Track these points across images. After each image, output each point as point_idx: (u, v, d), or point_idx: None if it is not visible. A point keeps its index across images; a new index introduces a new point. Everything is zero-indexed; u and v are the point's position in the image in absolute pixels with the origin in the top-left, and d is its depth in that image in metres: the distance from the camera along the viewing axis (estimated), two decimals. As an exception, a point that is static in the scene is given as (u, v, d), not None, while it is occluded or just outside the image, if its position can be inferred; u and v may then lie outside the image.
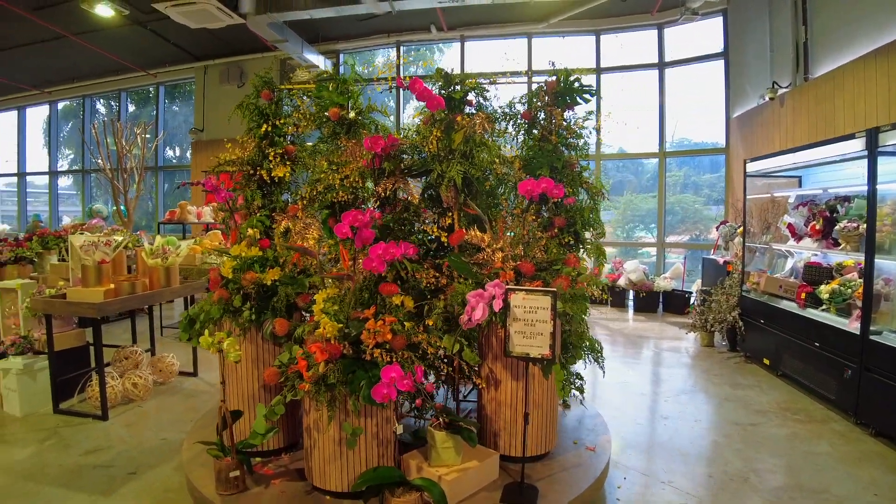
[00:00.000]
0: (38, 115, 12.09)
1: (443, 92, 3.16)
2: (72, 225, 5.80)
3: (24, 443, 3.47)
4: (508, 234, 2.85)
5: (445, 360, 2.43)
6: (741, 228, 5.68)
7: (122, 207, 7.32)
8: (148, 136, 8.02)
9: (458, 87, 3.07)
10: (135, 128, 7.68)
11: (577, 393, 3.35)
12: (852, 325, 3.78)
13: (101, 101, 11.85)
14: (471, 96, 3.20)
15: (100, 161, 7.44)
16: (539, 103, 3.17)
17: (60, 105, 12.31)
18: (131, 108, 12.43)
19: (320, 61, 9.40)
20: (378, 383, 1.99)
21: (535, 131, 3.23)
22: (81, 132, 11.41)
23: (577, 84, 3.16)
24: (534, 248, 2.64)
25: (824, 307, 4.23)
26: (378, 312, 2.24)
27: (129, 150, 7.44)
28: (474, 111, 3.19)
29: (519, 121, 3.23)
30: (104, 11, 6.90)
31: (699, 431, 3.63)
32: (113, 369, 4.30)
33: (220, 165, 3.44)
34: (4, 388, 3.96)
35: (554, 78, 3.18)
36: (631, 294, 8.06)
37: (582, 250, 3.24)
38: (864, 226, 3.74)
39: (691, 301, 7.13)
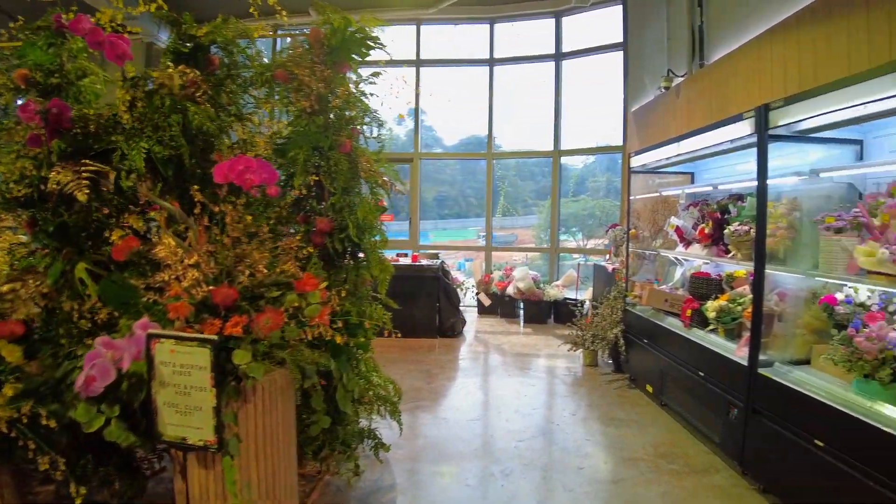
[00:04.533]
0: None
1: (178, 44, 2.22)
2: None
3: None
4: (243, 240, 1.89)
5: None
6: (631, 231, 4.99)
7: None
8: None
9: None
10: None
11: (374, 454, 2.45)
12: (739, 353, 3.07)
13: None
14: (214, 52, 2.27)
15: None
16: (302, 60, 2.24)
17: None
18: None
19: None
20: None
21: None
22: None
23: (358, 35, 2.27)
24: (239, 263, 1.70)
25: (711, 327, 3.53)
26: None
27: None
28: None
29: (276, 86, 2.29)
30: None
31: (544, 494, 2.79)
32: None
33: None
34: None
35: (327, 27, 2.28)
36: (521, 303, 7.33)
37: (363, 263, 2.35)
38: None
39: (584, 311, 6.38)
